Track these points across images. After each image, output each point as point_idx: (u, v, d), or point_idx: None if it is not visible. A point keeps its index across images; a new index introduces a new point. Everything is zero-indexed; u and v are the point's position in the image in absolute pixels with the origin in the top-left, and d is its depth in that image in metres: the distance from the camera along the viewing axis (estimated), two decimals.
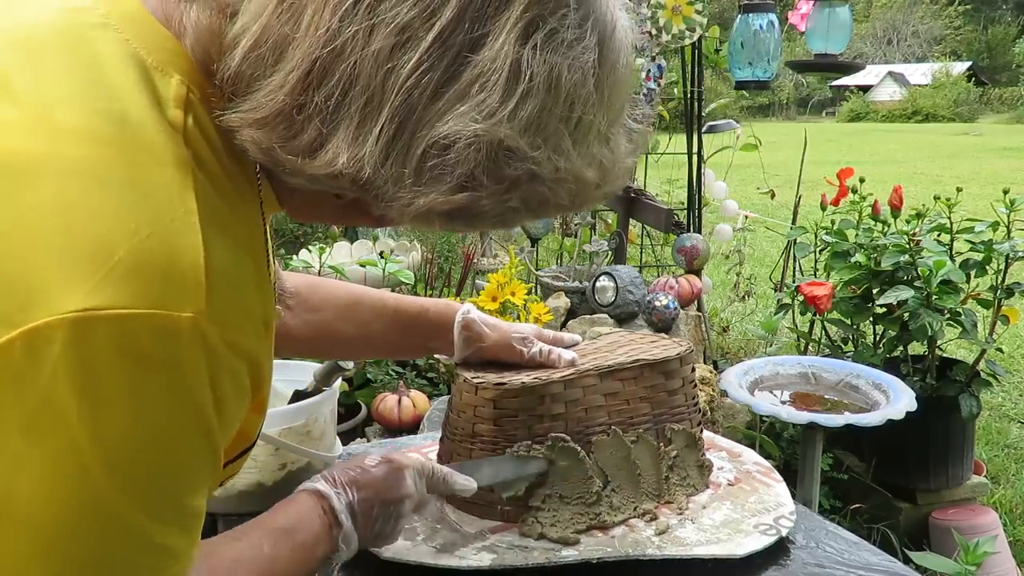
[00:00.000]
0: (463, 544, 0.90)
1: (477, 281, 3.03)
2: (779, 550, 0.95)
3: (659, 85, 2.98)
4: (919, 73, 34.98)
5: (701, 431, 1.06)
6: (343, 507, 0.75)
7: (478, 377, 0.96)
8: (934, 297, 2.36)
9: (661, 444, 1.01)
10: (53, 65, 0.51)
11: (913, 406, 1.64)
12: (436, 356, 2.44)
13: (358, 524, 0.76)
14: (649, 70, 2.94)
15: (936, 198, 2.57)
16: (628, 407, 0.99)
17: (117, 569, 0.49)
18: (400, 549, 0.88)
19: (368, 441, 1.96)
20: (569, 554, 0.89)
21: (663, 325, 2.78)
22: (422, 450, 1.18)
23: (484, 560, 0.88)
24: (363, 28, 0.49)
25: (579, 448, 0.95)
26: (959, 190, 2.55)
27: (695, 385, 1.07)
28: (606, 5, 0.55)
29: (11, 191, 0.46)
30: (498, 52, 0.50)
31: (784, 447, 2.46)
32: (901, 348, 2.54)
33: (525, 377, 0.95)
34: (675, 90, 3.39)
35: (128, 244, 0.46)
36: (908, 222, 2.55)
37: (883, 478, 2.54)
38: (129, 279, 0.46)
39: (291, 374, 1.12)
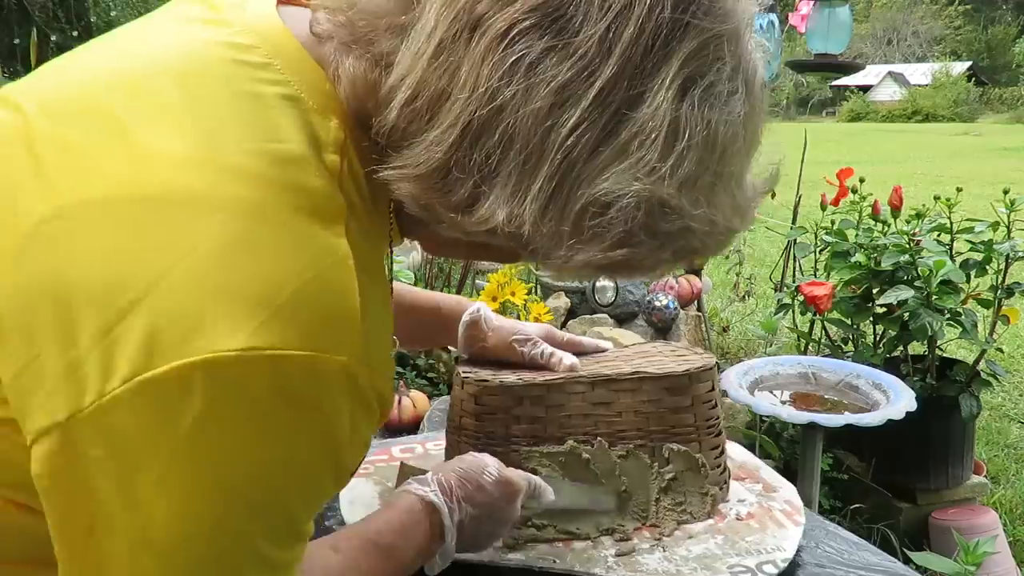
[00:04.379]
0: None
1: (477, 281, 3.03)
2: None
3: None
4: (919, 73, 35.00)
5: (718, 455, 0.99)
6: (452, 526, 0.74)
7: (468, 372, 0.96)
8: (934, 297, 2.36)
9: (655, 464, 0.95)
10: (217, 102, 0.51)
11: (913, 406, 1.63)
12: (440, 352, 2.44)
13: (461, 540, 0.75)
14: None
15: (936, 198, 2.57)
16: (620, 420, 0.95)
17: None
18: None
19: None
20: (514, 557, 0.88)
21: (663, 325, 2.78)
22: (426, 444, 1.18)
23: None
24: (522, 87, 0.49)
25: (586, 455, 0.93)
26: (959, 190, 2.55)
27: (713, 405, 0.98)
28: (750, 51, 0.55)
29: (178, 226, 0.47)
30: (656, 109, 0.50)
31: (784, 447, 2.46)
32: (901, 348, 2.53)
33: (511, 377, 0.95)
34: None
35: (292, 286, 0.47)
36: (908, 222, 2.55)
37: (883, 478, 2.54)
38: (292, 321, 0.47)
39: None
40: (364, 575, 0.68)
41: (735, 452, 1.15)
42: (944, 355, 2.65)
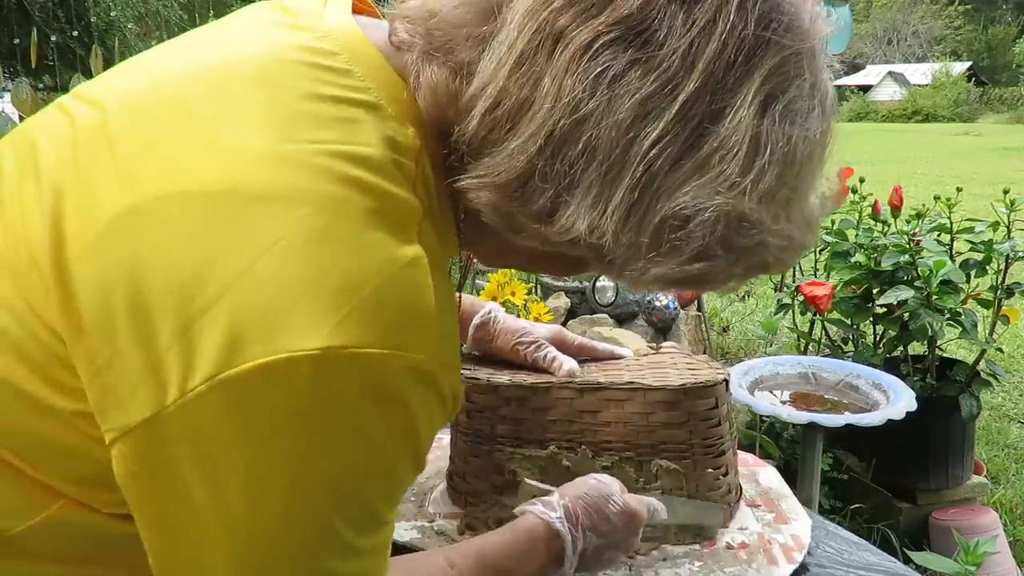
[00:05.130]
0: (400, 519, 0.90)
1: (477, 281, 3.03)
2: None
3: None
4: (919, 73, 34.99)
5: (719, 476, 0.94)
6: (574, 556, 0.73)
7: (466, 369, 0.97)
8: (934, 297, 2.36)
9: (641, 479, 0.91)
10: (299, 102, 0.52)
11: (913, 406, 1.63)
12: None
13: (580, 567, 0.75)
14: None
15: (936, 198, 2.57)
16: (607, 429, 0.92)
17: None
18: None
19: None
20: None
21: (663, 325, 2.78)
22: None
23: (403, 536, 0.89)
24: (605, 99, 0.49)
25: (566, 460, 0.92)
26: (959, 190, 2.55)
27: (715, 424, 0.93)
28: (824, 69, 0.55)
29: (259, 221, 0.47)
30: (739, 124, 0.50)
31: (784, 447, 2.46)
32: (901, 348, 2.53)
33: (502, 377, 0.95)
34: None
35: (371, 284, 0.47)
36: (908, 222, 2.55)
37: (883, 478, 2.54)
38: (371, 319, 0.47)
39: None
40: None
41: (766, 478, 1.09)
42: (944, 355, 2.65)
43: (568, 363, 0.97)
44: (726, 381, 0.95)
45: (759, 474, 1.10)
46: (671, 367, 1.00)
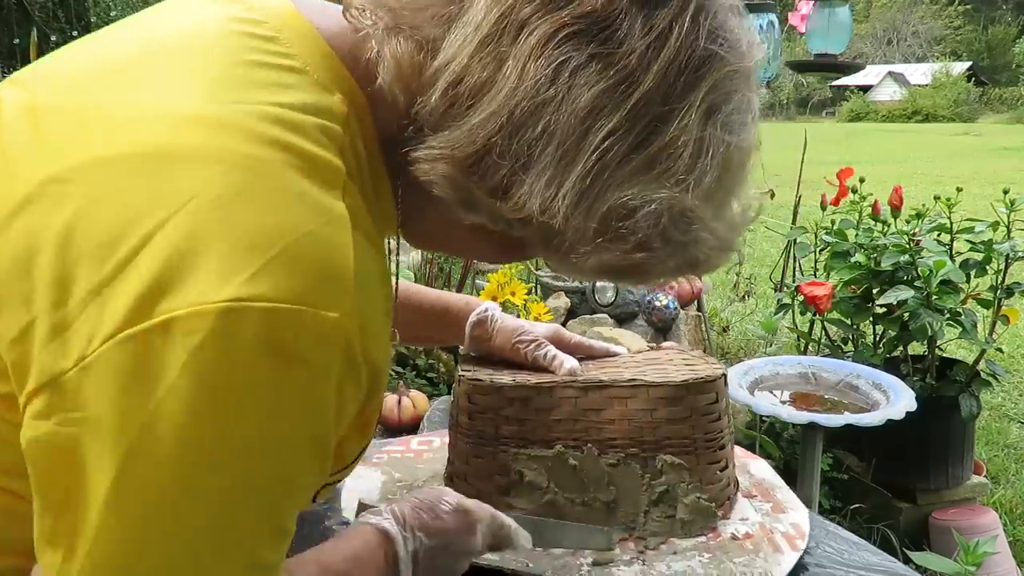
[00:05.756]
0: None
1: (477, 281, 3.03)
2: None
3: None
4: (919, 73, 35.01)
5: (719, 470, 0.96)
6: (407, 555, 0.71)
7: (467, 370, 0.97)
8: (934, 297, 2.36)
9: (647, 475, 0.92)
10: (222, 67, 0.53)
11: (913, 406, 1.63)
12: (440, 352, 2.44)
13: (418, 572, 0.72)
14: None
15: (936, 198, 2.57)
16: (612, 427, 0.92)
17: (208, 569, 0.48)
18: None
19: None
20: (489, 558, 0.84)
21: (663, 325, 2.78)
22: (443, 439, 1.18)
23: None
24: (565, 88, 0.52)
25: (574, 461, 0.92)
26: (959, 190, 2.55)
27: (716, 418, 0.94)
28: (755, 87, 0.60)
29: (176, 179, 0.47)
30: (686, 127, 0.54)
31: (784, 447, 2.46)
32: (901, 348, 2.53)
33: (504, 377, 0.95)
34: None
35: (287, 239, 0.47)
36: (908, 222, 2.55)
37: (883, 478, 2.54)
38: (284, 273, 0.46)
39: None
40: None
41: (757, 469, 1.11)
42: (944, 355, 2.65)
43: (569, 361, 0.97)
44: (724, 376, 0.97)
45: (750, 465, 1.12)
46: (668, 363, 1.01)
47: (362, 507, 0.84)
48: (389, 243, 0.67)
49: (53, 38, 4.07)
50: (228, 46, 0.55)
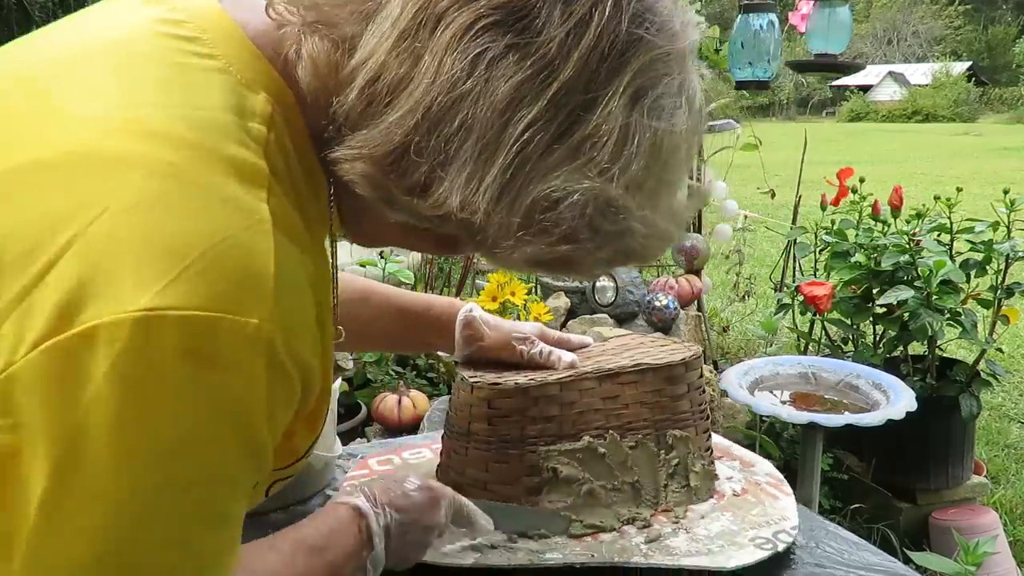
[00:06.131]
0: (448, 541, 0.89)
1: (477, 281, 3.03)
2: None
3: None
4: (919, 73, 35.01)
5: (708, 438, 1.04)
6: (379, 529, 0.75)
7: (475, 376, 0.96)
8: (934, 297, 2.36)
9: (661, 451, 0.99)
10: (141, 70, 0.53)
11: (913, 406, 1.64)
12: (437, 354, 2.44)
13: (390, 547, 0.76)
14: None
15: (936, 198, 2.57)
16: (627, 412, 0.97)
17: (156, 570, 0.49)
18: None
19: (368, 441, 1.96)
20: (553, 557, 0.88)
21: (663, 325, 2.78)
22: (431, 446, 1.18)
23: (467, 559, 0.87)
24: (482, 80, 0.51)
25: (603, 449, 0.95)
26: (959, 190, 2.55)
27: (702, 391, 1.04)
28: (692, 72, 0.58)
29: (93, 186, 0.47)
30: (609, 114, 0.53)
31: (784, 447, 2.46)
32: (901, 348, 2.54)
33: (520, 378, 0.95)
34: None
35: (203, 247, 0.47)
36: (908, 222, 2.55)
37: (883, 478, 2.54)
38: (201, 281, 0.46)
39: None
40: (298, 574, 0.69)
41: None
42: (944, 355, 2.65)
43: (566, 356, 0.99)
44: (705, 353, 1.05)
45: None
46: (645, 347, 1.07)
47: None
48: (332, 242, 0.66)
49: None
50: (151, 48, 0.54)
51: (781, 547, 0.92)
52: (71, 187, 0.47)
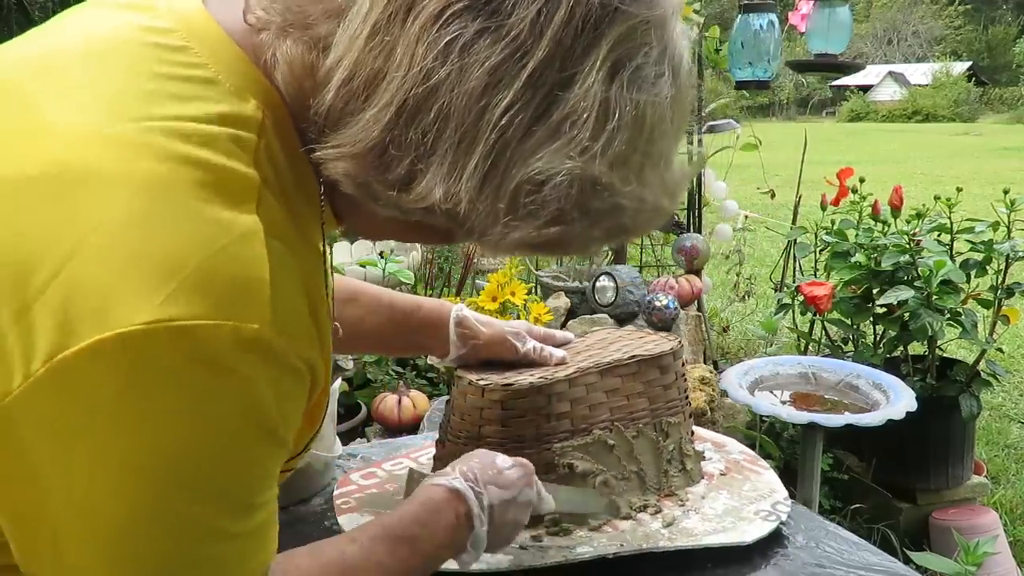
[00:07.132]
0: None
1: (477, 281, 3.03)
2: (779, 550, 0.95)
3: None
4: (919, 73, 35.00)
5: (692, 422, 1.09)
6: (481, 510, 0.74)
7: (483, 379, 0.95)
8: (934, 297, 2.36)
9: (660, 438, 1.03)
10: (126, 80, 0.52)
11: (913, 406, 1.63)
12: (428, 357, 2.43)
13: (492, 527, 0.75)
14: None
15: (936, 198, 2.57)
16: (628, 403, 1.01)
17: (200, 565, 0.51)
18: None
19: (368, 441, 1.96)
20: (584, 551, 0.90)
21: (663, 325, 2.77)
22: (424, 448, 1.18)
23: (502, 562, 0.88)
24: (456, 67, 0.50)
25: (612, 440, 0.98)
26: (959, 190, 2.55)
27: (685, 378, 1.09)
28: (676, 36, 0.56)
29: (82, 202, 0.47)
30: (588, 90, 0.52)
31: (784, 447, 2.46)
32: (901, 348, 2.53)
33: (530, 377, 0.95)
34: None
35: (198, 257, 0.47)
36: (908, 222, 2.55)
37: (883, 478, 2.54)
38: (198, 291, 0.47)
39: None
40: (382, 567, 0.67)
41: None
42: (944, 355, 2.65)
43: (557, 352, 1.02)
44: (681, 345, 1.11)
45: None
46: (629, 339, 1.11)
47: (413, 475, 0.86)
48: (325, 241, 0.67)
49: None
50: (137, 58, 0.54)
51: (783, 516, 0.97)
52: (60, 203, 0.47)
